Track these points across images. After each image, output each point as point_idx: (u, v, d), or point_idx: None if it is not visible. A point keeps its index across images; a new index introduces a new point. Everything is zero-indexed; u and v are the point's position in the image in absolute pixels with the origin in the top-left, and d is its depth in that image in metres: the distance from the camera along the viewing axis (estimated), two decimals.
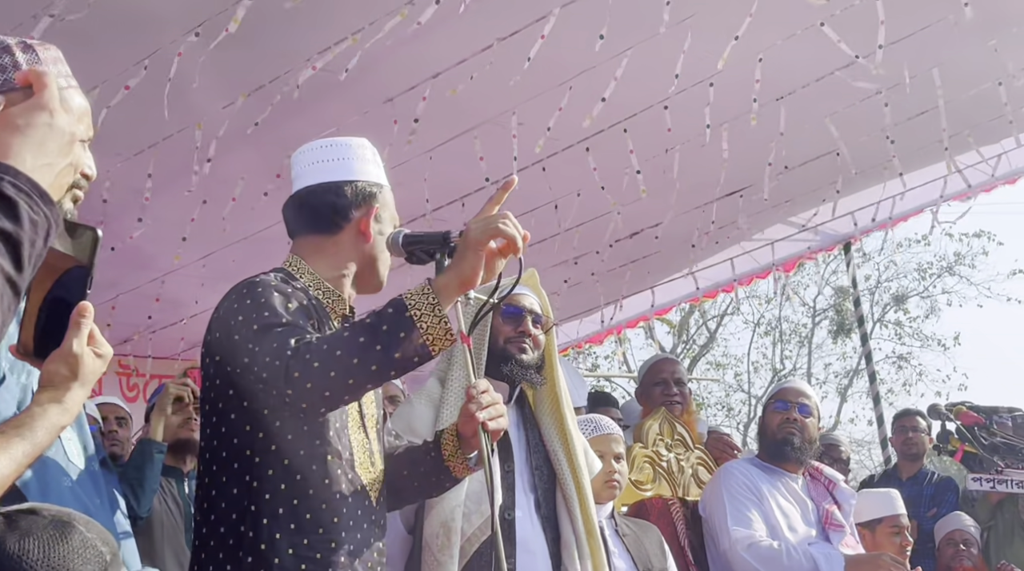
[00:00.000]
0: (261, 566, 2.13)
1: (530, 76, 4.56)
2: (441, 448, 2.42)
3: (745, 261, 7.45)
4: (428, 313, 2.03)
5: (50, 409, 1.50)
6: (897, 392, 21.14)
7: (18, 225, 1.16)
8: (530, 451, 2.98)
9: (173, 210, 5.12)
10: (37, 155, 1.21)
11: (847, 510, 4.01)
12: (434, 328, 2.03)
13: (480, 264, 2.07)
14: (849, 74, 5.01)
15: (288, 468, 2.18)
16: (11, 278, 1.15)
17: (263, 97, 4.47)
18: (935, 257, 21.83)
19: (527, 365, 2.95)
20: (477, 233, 2.08)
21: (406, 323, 2.02)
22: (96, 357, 1.56)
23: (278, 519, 2.16)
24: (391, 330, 2.02)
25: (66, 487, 1.72)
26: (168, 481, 3.89)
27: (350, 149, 2.45)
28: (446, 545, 2.72)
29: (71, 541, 1.37)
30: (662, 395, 4.67)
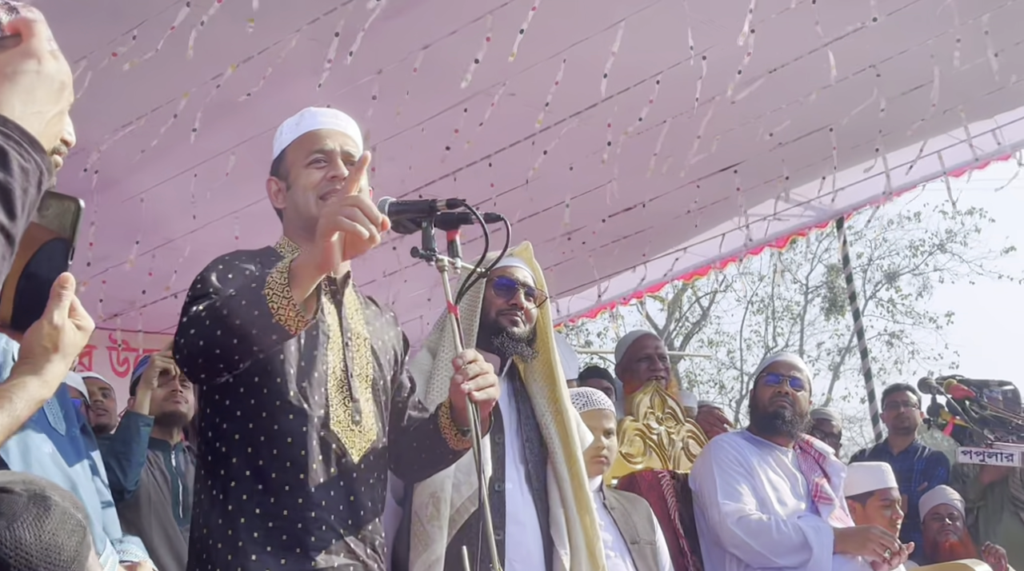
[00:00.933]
0: (229, 527, 2.20)
1: (522, 48, 4.53)
2: (439, 420, 2.43)
3: (737, 237, 7.43)
4: (279, 295, 2.05)
5: (30, 382, 1.49)
6: (889, 370, 21.20)
7: (8, 173, 1.14)
8: (521, 424, 2.98)
9: (166, 184, 5.09)
10: (26, 103, 1.18)
11: (836, 483, 4.01)
12: (285, 309, 2.05)
13: (331, 250, 2.04)
14: (842, 47, 4.98)
15: (252, 430, 2.25)
16: (4, 227, 1.13)
17: (252, 69, 4.43)
18: (927, 234, 21.86)
19: (518, 338, 2.94)
20: (323, 222, 2.06)
21: (261, 302, 2.06)
22: (77, 329, 1.54)
23: (245, 480, 2.23)
24: (248, 306, 2.07)
25: (46, 454, 1.71)
26: (155, 454, 3.88)
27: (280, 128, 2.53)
28: (435, 516, 2.72)
29: (54, 515, 1.36)
30: (648, 370, 4.69)
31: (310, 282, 2.07)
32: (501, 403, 2.96)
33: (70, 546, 1.35)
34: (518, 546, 2.80)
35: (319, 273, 2.07)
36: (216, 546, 2.21)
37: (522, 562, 2.78)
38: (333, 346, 2.36)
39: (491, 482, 2.81)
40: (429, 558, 2.69)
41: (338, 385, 2.34)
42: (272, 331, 2.07)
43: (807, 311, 22.87)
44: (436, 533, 2.70)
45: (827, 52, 4.99)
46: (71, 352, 1.53)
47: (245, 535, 2.19)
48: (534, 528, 2.86)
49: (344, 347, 2.37)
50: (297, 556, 2.20)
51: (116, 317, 6.52)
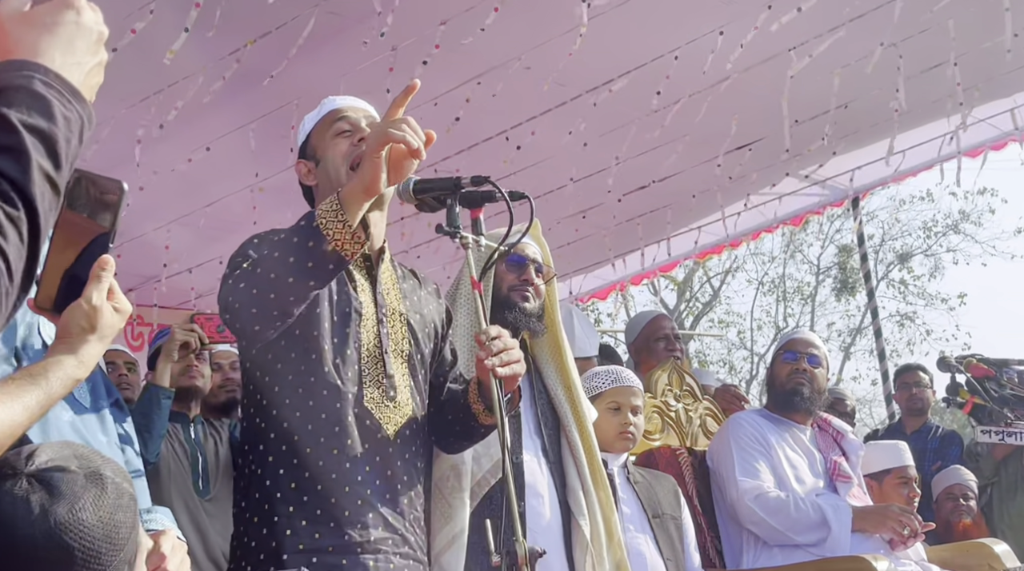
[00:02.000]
0: (265, 501, 2.24)
1: (538, 24, 4.51)
2: (468, 396, 2.45)
3: (752, 216, 7.41)
4: (333, 220, 2.07)
5: (65, 361, 1.49)
6: (901, 351, 21.18)
7: (52, 122, 1.13)
8: (534, 397, 3.00)
9: (179, 159, 5.09)
10: (66, 53, 1.18)
11: (855, 461, 4.01)
12: (340, 233, 2.07)
13: (379, 169, 2.07)
14: (861, 25, 4.95)
15: (288, 406, 2.27)
16: (50, 176, 1.13)
17: (270, 44, 4.42)
18: (940, 215, 21.78)
19: (529, 313, 2.95)
20: (371, 139, 2.10)
21: (314, 232, 2.08)
22: (115, 312, 1.54)
23: (281, 455, 2.26)
24: (301, 241, 2.09)
25: (66, 421, 1.71)
26: (174, 426, 3.89)
27: (303, 122, 2.56)
28: (456, 488, 2.73)
29: (110, 493, 1.37)
30: (666, 350, 4.70)
31: (360, 205, 2.10)
32: None
33: (127, 523, 1.36)
34: (537, 517, 2.81)
35: (368, 196, 2.10)
36: (252, 520, 2.26)
37: (542, 533, 2.79)
38: (366, 323, 2.37)
39: (510, 455, 2.81)
40: (452, 530, 2.70)
41: (372, 361, 2.35)
42: (328, 260, 2.09)
43: (818, 292, 22.84)
44: (458, 505, 2.72)
45: (845, 30, 4.96)
46: (108, 334, 1.54)
47: (281, 509, 2.22)
48: (552, 499, 2.88)
49: (379, 323, 2.38)
50: (331, 530, 2.22)
51: (131, 292, 6.53)
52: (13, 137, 1.10)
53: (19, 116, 1.11)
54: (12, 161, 1.09)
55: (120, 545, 1.34)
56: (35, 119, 1.12)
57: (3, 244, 1.06)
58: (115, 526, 1.34)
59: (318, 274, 2.11)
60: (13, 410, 1.40)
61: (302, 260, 2.08)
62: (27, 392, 1.43)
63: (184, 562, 1.73)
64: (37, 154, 1.11)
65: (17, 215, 1.08)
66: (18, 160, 1.10)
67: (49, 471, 1.37)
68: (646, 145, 5.82)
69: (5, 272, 1.06)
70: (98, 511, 1.33)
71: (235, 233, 5.78)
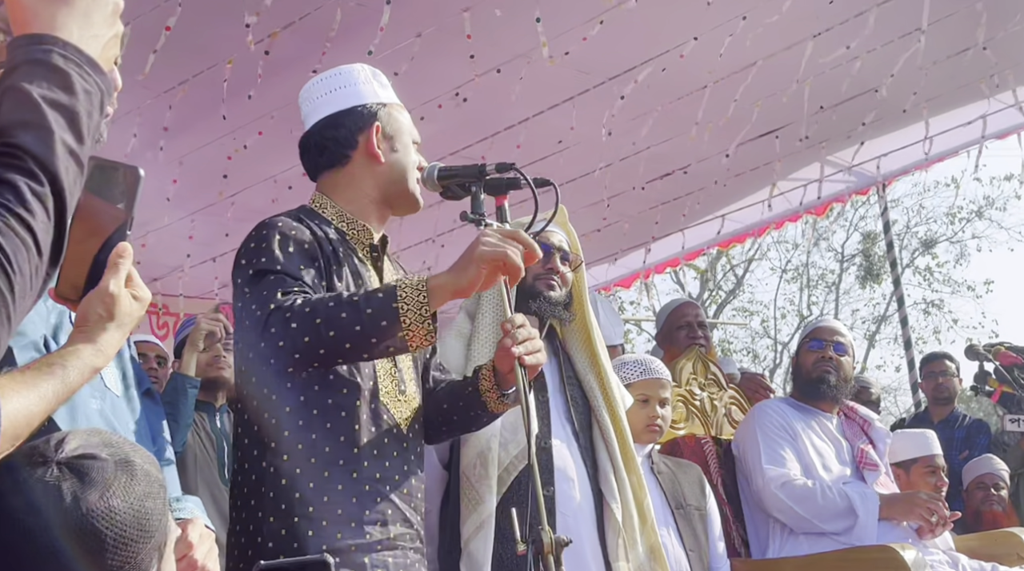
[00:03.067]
0: (283, 500, 2.17)
1: (561, 10, 4.49)
2: (479, 383, 2.42)
3: (776, 204, 7.36)
4: (414, 310, 2.04)
5: (83, 349, 1.48)
6: (927, 339, 21.03)
7: (73, 96, 1.13)
8: (564, 383, 2.98)
9: (204, 148, 5.10)
10: (83, 26, 1.17)
11: (882, 449, 3.98)
12: (416, 326, 2.04)
13: (479, 279, 2.05)
14: (888, 10, 4.90)
15: (304, 403, 2.21)
16: (74, 150, 1.12)
17: (295, 33, 4.42)
18: (965, 201, 21.58)
19: (555, 302, 2.94)
20: (485, 252, 2.05)
21: (391, 314, 2.04)
22: (134, 300, 1.53)
23: (298, 452, 2.19)
24: (374, 315, 2.04)
25: (94, 410, 1.71)
26: (200, 415, 3.91)
27: (341, 76, 2.45)
28: (484, 475, 2.72)
29: (140, 480, 1.37)
30: (688, 338, 4.68)
31: (442, 303, 2.07)
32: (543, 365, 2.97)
33: (157, 510, 1.36)
34: (568, 500, 2.80)
35: (456, 297, 2.09)
36: (268, 519, 2.18)
37: (573, 515, 2.78)
38: None
39: (538, 439, 2.81)
40: (480, 516, 2.69)
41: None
42: (393, 344, 2.07)
43: (842, 280, 22.70)
44: (486, 492, 2.71)
45: (870, 16, 4.92)
46: (127, 322, 1.52)
47: (300, 509, 2.16)
48: (584, 483, 2.86)
49: None
50: (353, 530, 2.18)
51: (156, 281, 6.56)
52: (35, 113, 1.09)
53: (40, 91, 1.10)
54: (35, 137, 1.09)
55: (151, 532, 1.34)
56: (56, 94, 1.11)
57: (31, 220, 1.06)
58: (145, 513, 1.34)
59: (376, 351, 2.10)
60: (29, 400, 1.39)
61: (368, 334, 2.05)
62: (44, 381, 1.42)
63: (212, 550, 1.73)
64: (59, 129, 1.10)
65: (43, 191, 1.08)
66: (41, 136, 1.09)
67: (79, 458, 1.37)
68: (670, 132, 5.79)
69: (34, 247, 1.05)
70: (128, 498, 1.33)
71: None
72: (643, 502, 2.93)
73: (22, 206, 1.05)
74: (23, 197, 1.06)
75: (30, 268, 1.05)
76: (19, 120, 1.09)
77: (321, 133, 2.40)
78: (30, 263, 1.05)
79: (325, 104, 2.42)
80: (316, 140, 2.41)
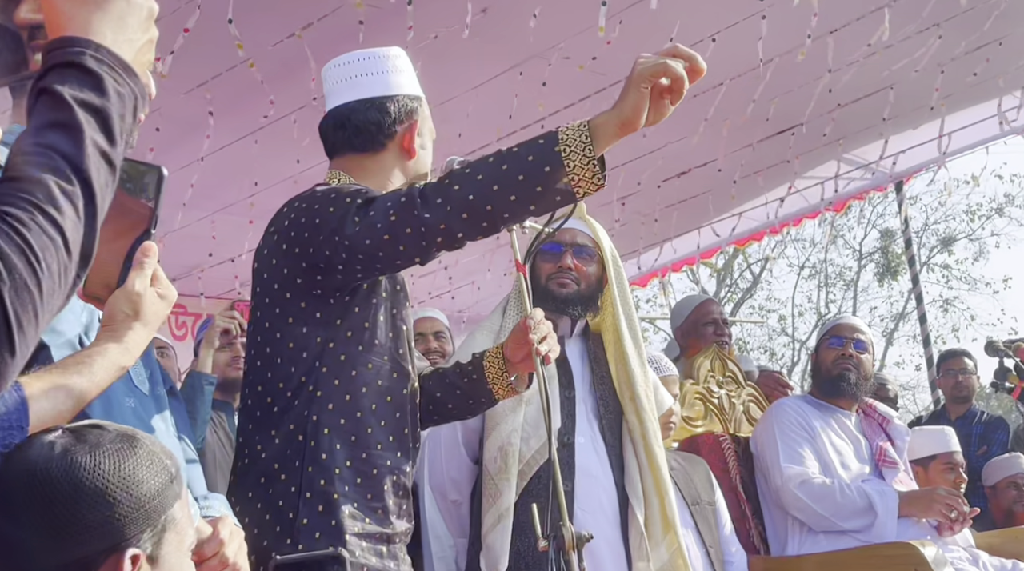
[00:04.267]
0: (321, 476, 2.09)
1: (576, 9, 4.50)
2: (484, 370, 2.39)
3: (794, 201, 7.34)
4: (578, 152, 1.88)
5: (110, 348, 1.49)
6: (946, 337, 20.92)
7: (105, 98, 1.13)
8: (595, 382, 2.97)
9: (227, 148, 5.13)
10: (118, 30, 1.18)
11: (901, 447, 3.97)
12: (581, 168, 1.88)
13: (644, 103, 1.86)
14: (903, 6, 4.89)
15: (355, 378, 2.16)
16: (105, 152, 1.12)
17: (313, 34, 4.44)
18: (984, 198, 21.46)
19: (568, 299, 2.93)
20: (645, 68, 1.86)
21: (554, 158, 1.89)
22: (159, 298, 1.55)
23: (338, 428, 2.12)
24: (536, 162, 1.90)
25: (128, 408, 1.73)
26: (218, 414, 3.93)
27: (386, 60, 2.36)
28: (503, 469, 2.74)
29: (138, 452, 1.39)
30: (715, 334, 4.67)
31: (611, 141, 1.90)
32: (573, 360, 2.96)
33: (151, 483, 1.37)
34: (588, 497, 2.81)
35: (623, 132, 1.89)
36: (304, 495, 2.09)
37: (592, 513, 2.79)
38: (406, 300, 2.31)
39: (560, 436, 2.82)
40: (499, 510, 2.71)
41: (408, 333, 2.29)
42: (558, 192, 1.91)
43: (860, 277, 22.61)
44: (505, 486, 2.73)
45: (885, 12, 4.90)
46: (153, 320, 1.54)
47: (339, 487, 2.09)
48: (607, 481, 2.86)
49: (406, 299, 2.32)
50: (379, 518, 2.15)
51: (174, 281, 6.58)
52: (66, 113, 1.10)
53: (71, 92, 1.11)
54: (65, 137, 1.09)
55: (140, 502, 1.35)
56: (87, 95, 1.12)
57: (59, 218, 1.06)
58: (136, 481, 1.35)
59: (542, 202, 1.93)
60: (56, 398, 1.41)
61: (532, 182, 1.89)
62: (71, 380, 1.44)
63: (242, 548, 1.74)
64: (91, 129, 1.11)
65: (73, 190, 1.08)
66: (71, 136, 1.10)
67: (84, 427, 1.41)
68: (686, 130, 5.79)
69: (63, 245, 1.06)
70: (118, 461, 1.35)
71: None
72: (667, 505, 2.91)
73: (51, 204, 1.05)
74: (53, 195, 1.06)
75: (59, 266, 1.05)
76: (51, 121, 1.10)
77: (364, 114, 2.30)
78: (59, 261, 1.05)
79: (365, 85, 2.32)
80: (356, 120, 2.31)
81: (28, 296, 1.02)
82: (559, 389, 2.88)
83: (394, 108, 2.32)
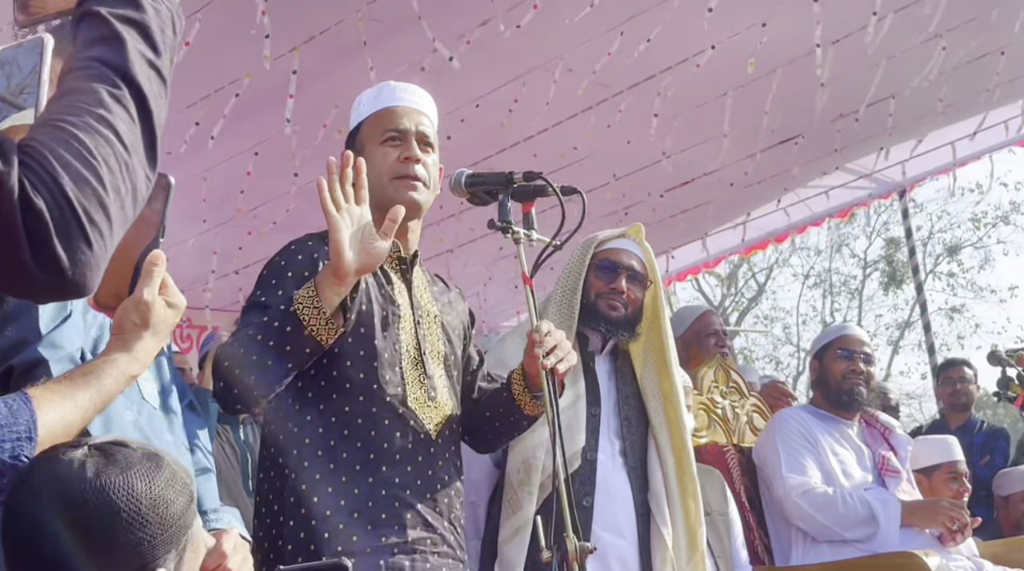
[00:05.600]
0: (301, 506, 2.22)
1: (579, 22, 4.51)
2: (511, 387, 2.45)
3: (798, 210, 7.35)
4: (307, 306, 2.12)
5: (119, 358, 1.50)
6: (951, 345, 20.89)
7: (141, 11, 1.16)
8: (620, 401, 2.98)
9: (228, 162, 5.15)
10: None
11: (903, 456, 3.97)
12: (315, 320, 2.12)
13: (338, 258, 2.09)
14: (906, 16, 4.90)
15: (322, 411, 2.27)
16: (152, 61, 1.15)
17: (315, 48, 4.46)
18: (989, 206, 21.46)
19: (615, 322, 2.94)
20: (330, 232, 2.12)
21: (293, 318, 2.12)
22: (168, 307, 1.55)
23: (316, 460, 2.24)
24: (281, 325, 2.13)
25: (129, 421, 1.73)
26: (224, 428, 3.95)
27: (358, 101, 2.52)
28: (525, 481, 2.75)
29: (164, 472, 1.39)
30: (716, 346, 4.68)
31: (333, 292, 2.12)
32: (601, 379, 2.98)
33: (178, 503, 1.38)
34: (606, 515, 2.81)
35: (338, 280, 2.11)
36: (288, 523, 2.23)
37: (609, 531, 2.79)
38: (405, 325, 2.38)
39: (583, 451, 2.84)
40: (517, 522, 2.72)
41: (412, 363, 2.36)
42: (305, 344, 2.13)
43: (865, 285, 22.59)
44: (526, 498, 2.73)
45: (888, 22, 4.91)
46: (162, 329, 1.54)
47: (318, 513, 2.20)
48: (626, 500, 2.86)
49: (416, 325, 2.40)
50: (368, 533, 2.22)
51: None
52: (104, 27, 1.13)
53: (109, 9, 1.14)
54: (108, 48, 1.12)
55: (168, 523, 1.36)
56: (125, 10, 1.15)
57: (109, 117, 1.07)
58: (164, 502, 1.36)
59: (295, 357, 2.15)
60: (65, 409, 1.41)
61: (282, 343, 2.13)
62: (79, 391, 1.44)
63: (247, 560, 1.75)
64: (132, 39, 1.13)
65: (121, 94, 1.10)
66: (114, 46, 1.12)
67: (110, 444, 1.41)
68: (690, 140, 5.81)
69: (118, 142, 1.07)
70: (149, 482, 1.36)
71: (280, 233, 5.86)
72: (696, 531, 2.91)
73: (101, 107, 1.07)
74: (102, 99, 1.08)
75: (117, 162, 1.06)
76: (93, 38, 1.13)
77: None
78: (116, 157, 1.06)
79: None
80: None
81: (90, 190, 1.03)
82: (586, 406, 2.90)
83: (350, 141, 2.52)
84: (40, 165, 1.00)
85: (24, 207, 0.98)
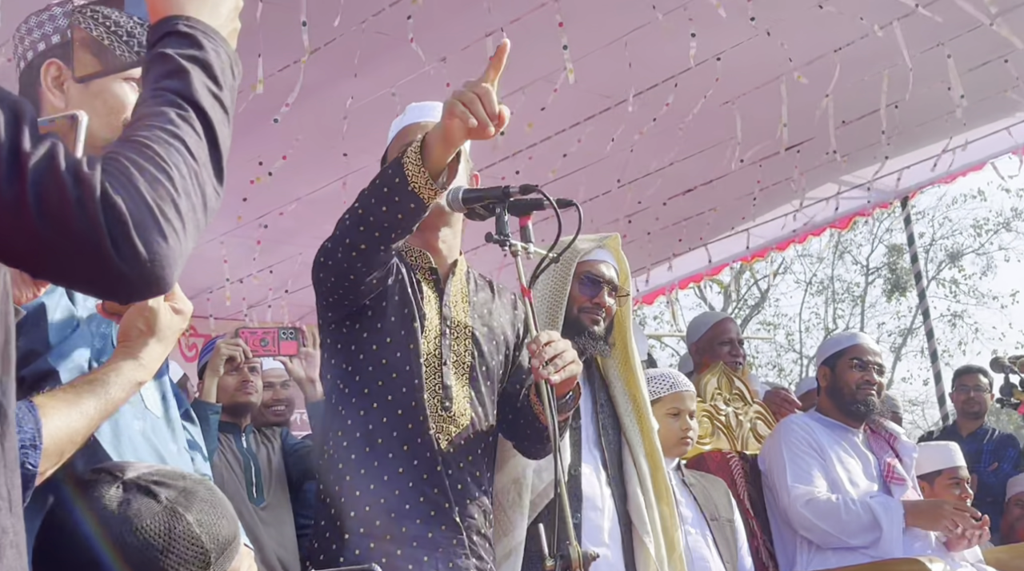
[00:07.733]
0: (338, 518, 2.35)
1: (581, 34, 4.53)
2: (530, 396, 2.47)
3: (800, 218, 7.36)
4: (413, 162, 2.19)
5: (125, 365, 1.51)
6: (953, 352, 20.85)
7: (202, 50, 1.23)
8: (596, 410, 2.99)
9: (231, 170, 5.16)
10: (211, 16, 1.28)
11: (908, 463, 3.98)
12: (417, 177, 2.19)
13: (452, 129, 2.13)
14: (909, 24, 4.91)
15: (350, 425, 2.36)
16: (215, 93, 1.21)
17: (319, 61, 4.47)
18: (991, 213, 21.43)
19: (597, 337, 2.96)
20: (446, 104, 2.15)
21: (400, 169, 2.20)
22: (174, 313, 1.56)
23: (339, 472, 2.36)
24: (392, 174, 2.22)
25: (137, 431, 1.74)
26: (226, 436, 3.93)
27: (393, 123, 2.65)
28: (516, 501, 2.74)
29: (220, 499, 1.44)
30: (730, 355, 4.69)
31: (438, 153, 2.18)
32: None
33: (232, 529, 1.44)
34: (594, 529, 2.82)
35: (446, 147, 2.17)
36: (324, 535, 2.40)
37: (596, 545, 2.79)
38: (428, 334, 2.42)
39: (569, 467, 2.83)
40: (510, 543, 2.71)
41: (431, 372, 2.40)
42: (409, 198, 2.20)
43: (868, 292, 22.56)
44: (518, 519, 2.73)
45: (893, 30, 4.93)
46: (168, 335, 1.55)
47: (351, 525, 2.33)
48: (611, 513, 2.88)
49: (441, 336, 2.43)
50: (386, 543, 2.29)
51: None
52: (171, 63, 1.20)
53: (173, 50, 1.21)
54: (174, 79, 1.19)
55: (232, 554, 1.42)
56: (185, 50, 1.22)
57: (178, 131, 1.15)
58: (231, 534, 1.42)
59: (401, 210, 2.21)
60: (70, 417, 1.42)
61: (391, 192, 2.20)
62: (85, 398, 1.45)
63: (252, 569, 1.76)
64: (196, 73, 1.20)
65: (187, 114, 1.17)
66: (179, 77, 1.19)
67: (154, 483, 1.44)
68: (692, 148, 5.82)
69: (187, 152, 1.14)
70: (218, 516, 1.40)
71: (284, 244, 5.87)
72: (673, 535, 2.93)
73: (169, 123, 1.15)
74: (170, 118, 1.16)
75: (187, 169, 1.13)
76: (160, 72, 1.20)
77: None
78: (186, 164, 1.13)
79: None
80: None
81: (163, 190, 1.09)
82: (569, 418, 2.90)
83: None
84: (118, 169, 1.08)
85: (106, 206, 1.05)
